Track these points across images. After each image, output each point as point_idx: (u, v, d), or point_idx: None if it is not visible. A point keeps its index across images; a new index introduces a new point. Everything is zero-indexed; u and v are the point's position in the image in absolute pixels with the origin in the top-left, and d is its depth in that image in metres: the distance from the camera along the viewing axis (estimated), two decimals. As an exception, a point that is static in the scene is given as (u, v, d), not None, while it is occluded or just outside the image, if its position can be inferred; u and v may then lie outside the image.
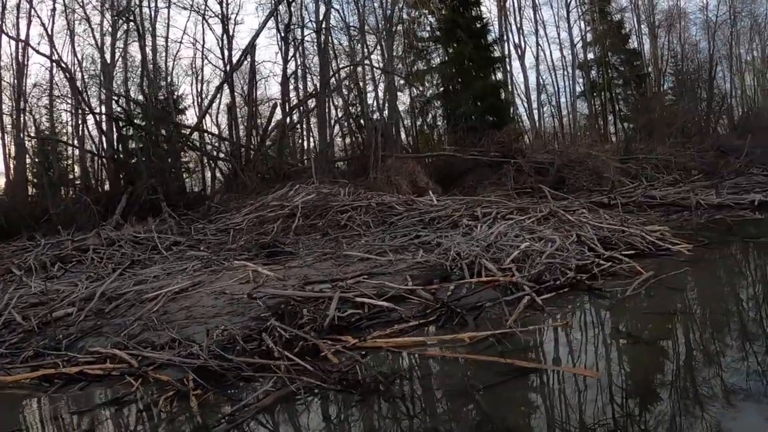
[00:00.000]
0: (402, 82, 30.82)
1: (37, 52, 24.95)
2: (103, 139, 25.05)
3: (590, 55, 38.85)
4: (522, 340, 6.85)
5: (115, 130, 24.30)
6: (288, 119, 27.58)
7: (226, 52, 27.62)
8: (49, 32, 24.54)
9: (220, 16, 27.54)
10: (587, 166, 24.01)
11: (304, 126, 29.68)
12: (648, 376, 6.02)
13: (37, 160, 27.28)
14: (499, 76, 32.36)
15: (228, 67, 27.23)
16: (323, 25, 26.19)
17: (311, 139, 29.70)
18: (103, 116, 24.72)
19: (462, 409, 5.57)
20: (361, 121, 28.42)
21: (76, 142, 27.09)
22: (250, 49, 25.98)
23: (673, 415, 4.97)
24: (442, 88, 31.57)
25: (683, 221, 17.04)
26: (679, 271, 9.97)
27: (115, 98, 25.30)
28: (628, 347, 7.14)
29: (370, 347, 6.89)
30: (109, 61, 25.80)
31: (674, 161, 27.55)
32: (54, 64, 24.66)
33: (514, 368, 5.90)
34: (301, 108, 28.43)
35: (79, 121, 26.13)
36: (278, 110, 27.37)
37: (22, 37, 24.74)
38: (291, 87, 28.79)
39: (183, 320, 8.25)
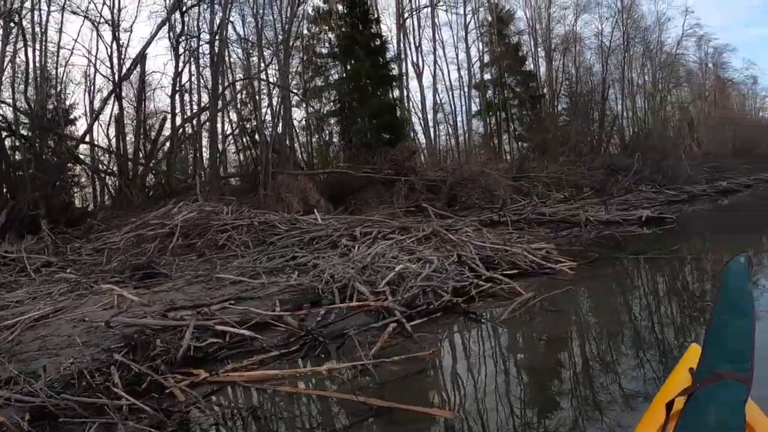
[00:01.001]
0: (298, 98, 30.59)
1: None
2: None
3: (487, 76, 39.84)
4: (386, 372, 6.42)
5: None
6: (180, 132, 26.84)
7: (116, 61, 26.50)
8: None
9: (110, 23, 26.48)
10: (480, 183, 24.35)
11: (197, 141, 28.94)
12: (520, 408, 5.83)
13: None
14: (397, 93, 32.63)
15: (117, 77, 26.24)
16: (217, 37, 25.62)
17: (203, 155, 29.00)
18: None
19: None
20: (256, 137, 27.94)
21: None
22: (140, 58, 25.07)
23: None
24: (339, 105, 31.42)
25: (572, 238, 17.38)
26: (561, 291, 9.91)
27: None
28: (499, 376, 6.85)
29: (222, 381, 6.41)
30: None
31: (566, 179, 28.38)
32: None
33: (369, 407, 5.48)
34: (194, 121, 27.71)
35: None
36: (168, 123, 26.51)
37: None
38: (185, 99, 28.18)
39: (36, 351, 7.65)
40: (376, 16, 32.47)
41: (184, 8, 25.92)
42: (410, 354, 6.97)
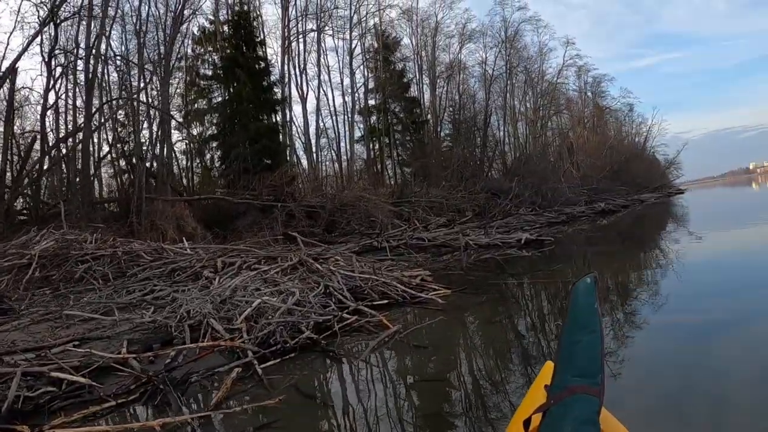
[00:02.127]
0: (179, 120, 29.94)
1: None
2: None
3: (372, 101, 40.42)
4: (228, 425, 5.85)
5: None
6: (53, 153, 25.60)
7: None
8: None
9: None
10: (359, 209, 24.36)
11: (71, 163, 27.58)
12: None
13: None
14: (279, 118, 32.48)
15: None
16: (92, 53, 24.70)
17: (77, 178, 27.63)
18: None
19: None
20: (133, 160, 27.02)
21: None
22: (10, 72, 23.78)
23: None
24: (220, 128, 30.92)
25: (452, 262, 17.45)
26: (433, 321, 9.66)
27: None
28: (359, 425, 5.92)
29: (48, 439, 5.73)
30: None
31: (447, 203, 28.85)
32: None
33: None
34: (68, 142, 26.51)
35: None
36: (39, 144, 25.21)
37: None
38: (60, 119, 27.08)
39: None
40: (261, 38, 32.31)
41: (58, 21, 24.72)
42: (255, 403, 6.27)
